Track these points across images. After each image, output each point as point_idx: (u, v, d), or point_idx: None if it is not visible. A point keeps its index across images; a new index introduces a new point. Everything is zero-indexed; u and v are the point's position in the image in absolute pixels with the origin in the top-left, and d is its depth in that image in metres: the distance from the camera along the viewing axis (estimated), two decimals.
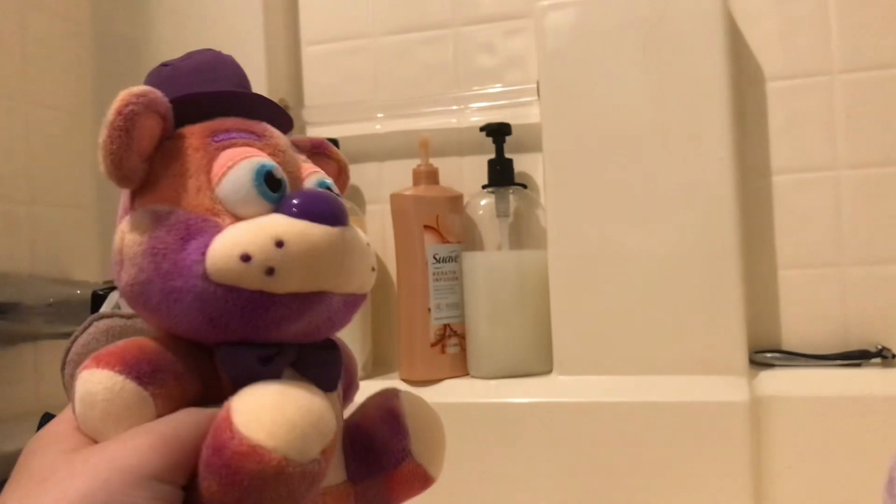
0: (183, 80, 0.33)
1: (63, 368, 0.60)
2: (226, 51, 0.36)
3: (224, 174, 0.30)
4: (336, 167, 0.38)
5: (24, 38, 0.87)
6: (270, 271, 0.28)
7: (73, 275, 0.91)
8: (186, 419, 0.28)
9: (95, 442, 0.29)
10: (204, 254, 0.28)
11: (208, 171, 0.30)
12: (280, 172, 0.31)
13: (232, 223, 0.30)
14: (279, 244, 0.28)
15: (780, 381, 0.79)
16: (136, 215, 0.31)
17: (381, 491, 0.35)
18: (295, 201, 0.30)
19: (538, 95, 0.87)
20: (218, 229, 0.29)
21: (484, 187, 0.91)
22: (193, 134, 0.32)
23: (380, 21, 0.99)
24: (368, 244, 0.33)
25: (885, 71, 0.83)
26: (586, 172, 0.83)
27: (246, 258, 0.28)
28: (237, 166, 0.30)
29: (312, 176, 0.33)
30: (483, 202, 0.91)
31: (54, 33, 0.93)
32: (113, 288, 0.75)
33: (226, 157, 0.31)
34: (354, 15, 1.00)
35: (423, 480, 0.36)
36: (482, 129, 0.90)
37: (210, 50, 0.35)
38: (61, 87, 0.94)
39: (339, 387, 0.35)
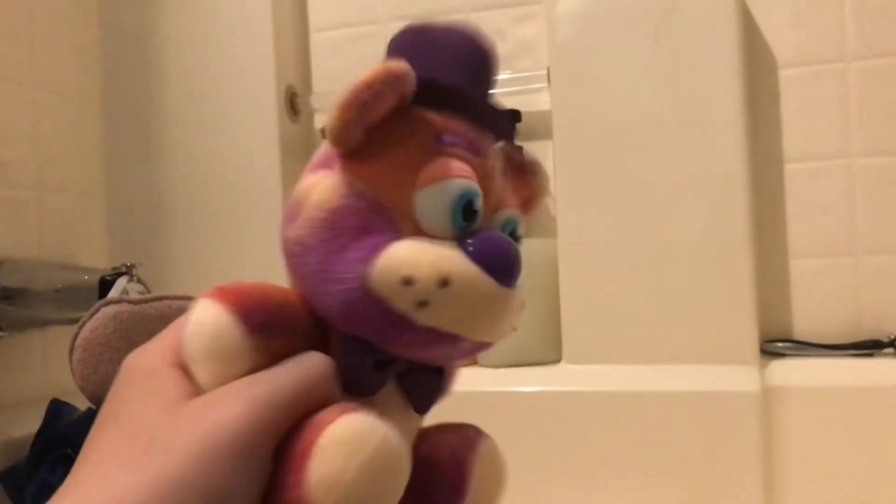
0: (434, 54, 0.31)
1: (71, 354, 0.60)
2: (233, 37, 0.35)
3: (432, 183, 0.29)
4: (533, 191, 0.37)
5: (32, 24, 0.87)
6: (424, 304, 0.28)
7: (80, 261, 0.91)
8: (283, 382, 0.27)
9: (191, 381, 0.28)
10: (374, 256, 0.28)
11: (419, 171, 0.29)
12: (479, 203, 0.30)
13: (412, 233, 0.29)
14: (444, 283, 0.28)
15: (791, 371, 0.79)
16: (332, 179, 0.29)
17: None
18: (478, 244, 0.29)
19: (548, 83, 0.86)
20: (397, 235, 0.28)
21: None
22: (424, 125, 0.30)
23: (388, 7, 0.98)
24: (523, 305, 0.32)
25: None
26: (596, 160, 0.82)
27: (408, 282, 0.27)
28: (445, 182, 0.29)
29: (506, 211, 0.32)
30: None
31: (62, 19, 0.92)
32: (120, 274, 0.75)
33: (440, 166, 0.29)
34: (362, 1, 1.00)
35: None
36: None
37: (474, 33, 0.33)
38: (69, 74, 0.93)
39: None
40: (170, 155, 0.98)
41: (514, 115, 0.89)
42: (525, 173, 0.36)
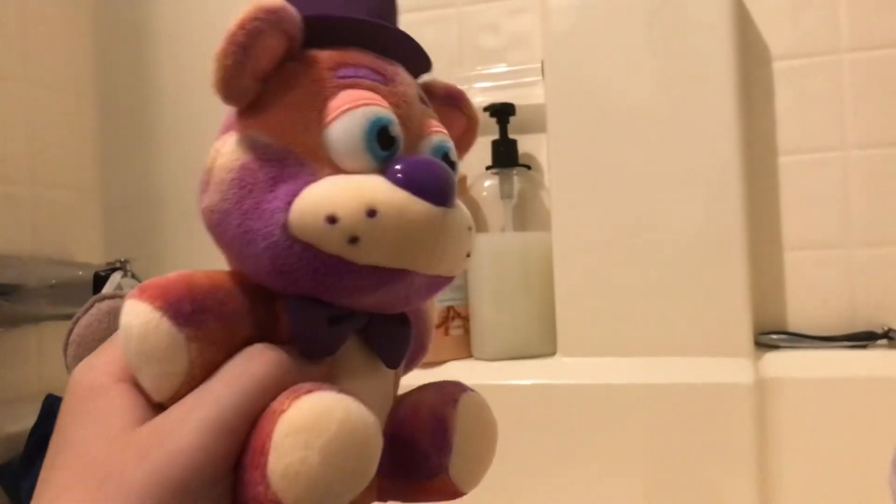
0: None
1: (66, 349, 0.59)
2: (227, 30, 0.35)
3: (337, 117, 0.28)
4: (465, 123, 0.35)
5: (25, 19, 0.86)
6: (354, 240, 0.26)
7: (75, 256, 0.91)
8: (230, 399, 0.26)
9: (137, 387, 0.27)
10: (290, 203, 0.26)
11: (322, 110, 0.28)
12: (396, 129, 0.28)
13: (331, 173, 0.27)
14: (371, 213, 0.26)
15: (785, 363, 0.79)
16: (234, 139, 0.28)
17: (406, 492, 0.33)
18: (402, 168, 0.27)
19: (542, 75, 0.86)
20: (313, 178, 0.27)
21: (488, 168, 0.90)
22: (319, 62, 0.29)
23: None
24: (470, 228, 0.30)
25: (894, 50, 0.83)
26: (591, 153, 0.82)
27: (332, 220, 0.26)
28: (352, 113, 0.28)
29: (433, 136, 0.31)
30: (487, 183, 0.90)
31: (56, 14, 0.92)
32: (114, 269, 0.75)
33: (344, 98, 0.28)
34: None
35: (453, 494, 0.33)
36: (486, 109, 0.90)
37: None
38: (63, 69, 0.93)
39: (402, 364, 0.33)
40: (163, 150, 0.97)
41: (508, 109, 0.89)
42: (451, 107, 0.35)
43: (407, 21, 1.14)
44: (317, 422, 0.24)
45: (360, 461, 0.25)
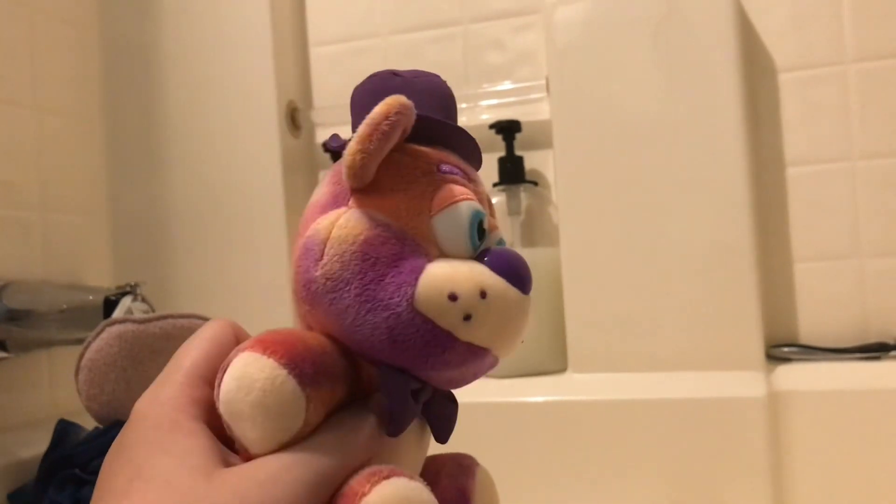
0: (410, 97, 0.32)
1: (77, 374, 0.60)
2: (234, 53, 0.36)
3: (445, 208, 0.31)
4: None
5: (32, 44, 0.87)
6: (468, 317, 0.29)
7: (85, 280, 0.91)
8: (326, 463, 0.27)
9: (226, 442, 0.28)
10: (417, 278, 0.29)
11: (431, 199, 0.31)
12: (487, 223, 0.32)
13: (437, 256, 0.30)
14: (483, 294, 0.29)
15: (797, 376, 0.79)
16: (354, 213, 0.30)
17: None
18: (496, 258, 0.31)
19: (548, 92, 0.86)
20: (428, 258, 0.30)
21: (495, 185, 0.90)
22: (422, 156, 0.32)
23: (388, 20, 0.99)
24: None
25: None
26: (598, 168, 0.83)
27: (453, 297, 0.29)
28: (459, 205, 0.31)
29: (497, 232, 0.34)
30: (494, 200, 0.90)
31: (63, 39, 0.93)
32: (125, 293, 0.75)
33: (450, 191, 0.31)
34: (362, 15, 1.00)
35: None
36: (492, 126, 0.90)
37: (437, 76, 0.36)
38: (71, 93, 0.94)
39: None
40: (172, 172, 0.98)
41: (515, 125, 0.89)
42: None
43: (413, 40, 1.16)
44: None
45: None
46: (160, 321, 0.56)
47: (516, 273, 0.31)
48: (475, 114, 0.95)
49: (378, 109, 0.29)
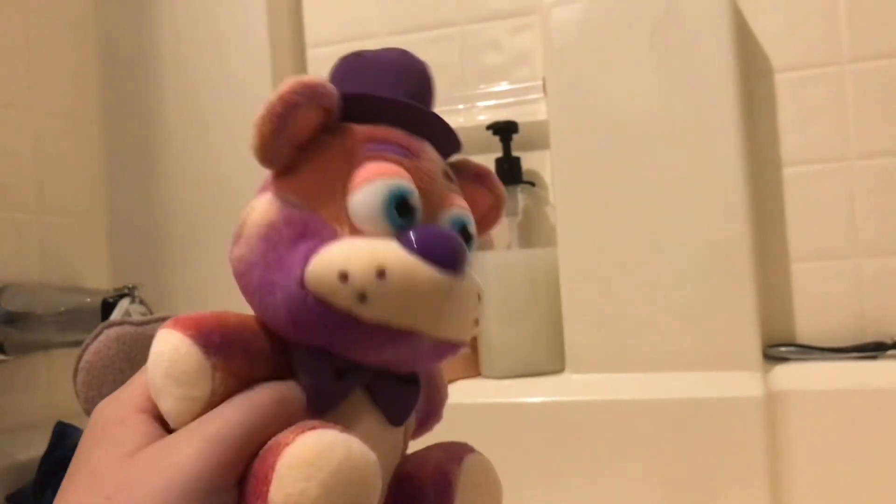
0: (368, 76, 0.33)
1: (75, 376, 0.59)
2: (230, 54, 0.37)
3: (360, 186, 0.30)
4: (491, 200, 0.38)
5: (29, 46, 0.87)
6: (363, 297, 0.28)
7: (83, 283, 0.91)
8: (232, 417, 0.28)
9: (156, 417, 0.29)
10: (308, 259, 0.29)
11: (347, 178, 0.30)
12: (416, 200, 0.31)
13: (349, 236, 0.30)
14: (380, 274, 0.28)
15: (794, 375, 0.79)
16: (267, 198, 0.31)
17: None
18: (414, 235, 0.30)
19: (545, 92, 0.86)
20: (332, 238, 0.29)
21: None
22: (352, 135, 0.32)
23: (385, 21, 0.99)
24: (480, 297, 0.32)
25: (895, 59, 0.83)
26: (595, 169, 0.83)
27: (343, 277, 0.28)
28: (374, 182, 0.30)
29: (453, 209, 0.33)
30: None
31: (59, 41, 0.93)
32: (123, 295, 0.75)
33: (368, 169, 0.30)
34: (359, 16, 1.00)
35: None
36: (489, 127, 0.90)
37: (407, 53, 0.35)
38: (67, 95, 0.94)
39: (411, 420, 0.34)
40: (169, 174, 0.98)
41: (511, 126, 0.89)
42: (478, 185, 0.37)
43: (409, 41, 1.15)
44: (318, 456, 0.26)
45: (357, 497, 0.26)
46: (158, 323, 0.56)
47: (434, 250, 0.29)
48: (472, 115, 0.95)
49: (276, 91, 0.29)
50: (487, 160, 0.91)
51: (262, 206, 0.31)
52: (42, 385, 0.84)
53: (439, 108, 0.35)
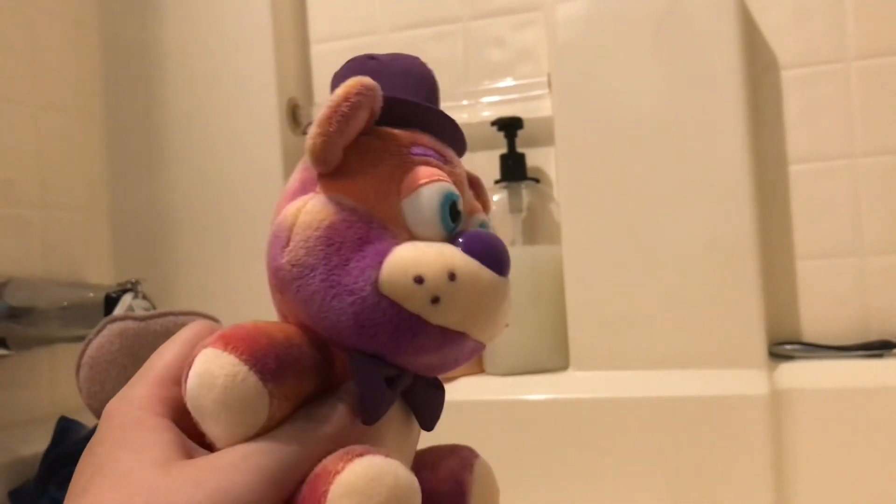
0: (386, 80, 0.32)
1: (78, 371, 0.59)
2: (234, 50, 0.36)
3: (415, 190, 0.30)
4: (481, 203, 0.38)
5: (33, 42, 0.87)
6: (436, 300, 0.28)
7: (86, 278, 0.91)
8: (290, 455, 0.27)
9: (192, 430, 0.28)
10: (381, 262, 0.29)
11: (400, 181, 0.30)
12: (461, 205, 0.31)
13: (407, 240, 0.30)
14: (452, 276, 0.29)
15: (800, 374, 0.78)
16: (319, 199, 0.30)
17: None
18: (470, 239, 0.30)
19: (549, 89, 0.86)
20: (395, 241, 0.29)
21: (496, 182, 0.90)
22: (393, 139, 0.31)
23: (388, 17, 0.99)
24: (511, 302, 0.33)
25: None
26: (599, 165, 0.82)
27: (419, 280, 0.28)
28: (430, 186, 0.30)
29: (478, 214, 0.34)
30: (496, 197, 0.90)
31: (63, 37, 0.93)
32: (126, 290, 0.75)
33: (421, 173, 0.31)
34: (362, 12, 1.00)
35: None
36: (493, 123, 0.90)
37: (416, 58, 0.35)
38: (71, 91, 0.94)
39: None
40: (172, 169, 0.98)
41: (516, 122, 0.89)
42: (473, 190, 0.37)
43: (413, 37, 1.15)
44: (369, 486, 0.26)
45: None
46: (161, 318, 0.56)
47: (490, 254, 0.30)
48: (476, 111, 0.95)
49: (338, 91, 0.29)
50: (492, 156, 0.91)
51: (315, 208, 0.30)
52: (45, 380, 0.84)
53: (443, 105, 0.35)
